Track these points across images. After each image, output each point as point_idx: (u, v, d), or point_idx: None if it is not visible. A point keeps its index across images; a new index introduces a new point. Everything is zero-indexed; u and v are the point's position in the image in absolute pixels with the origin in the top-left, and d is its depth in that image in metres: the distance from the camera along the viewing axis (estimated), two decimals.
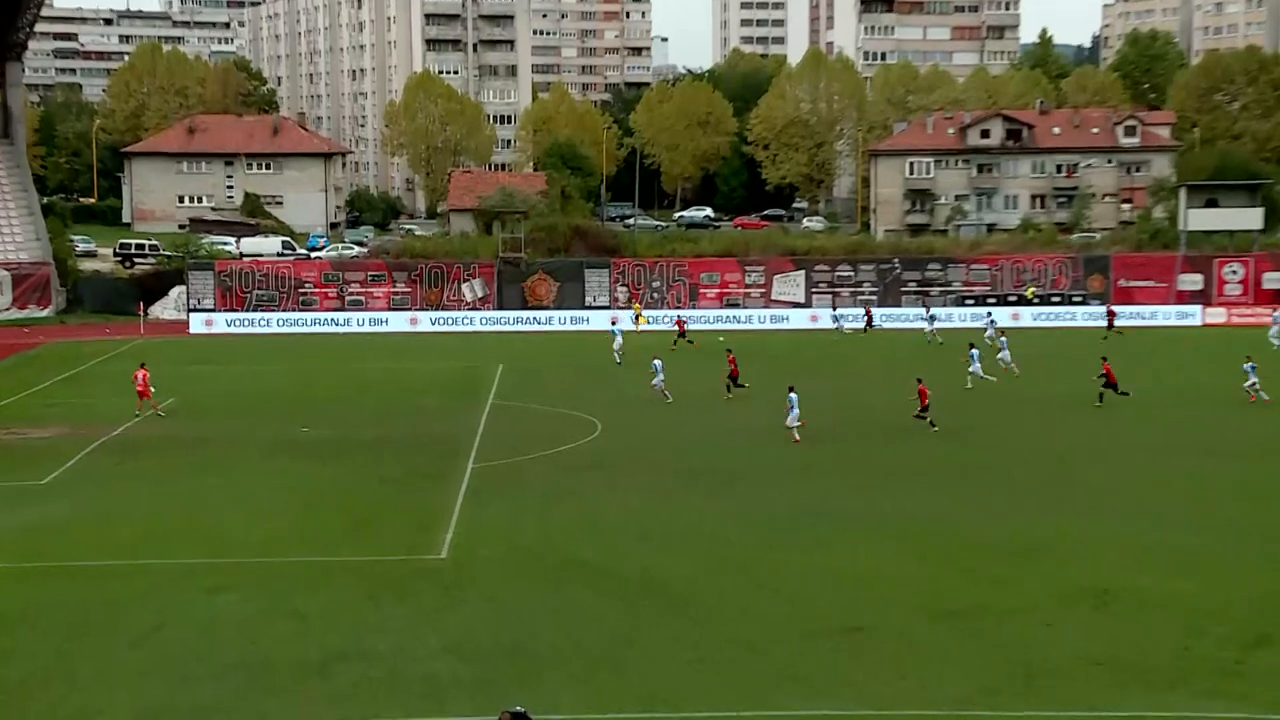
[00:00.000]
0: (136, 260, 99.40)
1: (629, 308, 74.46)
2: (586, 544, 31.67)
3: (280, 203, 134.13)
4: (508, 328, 75.92)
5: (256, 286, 77.02)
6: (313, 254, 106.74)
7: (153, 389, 48.37)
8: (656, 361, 50.68)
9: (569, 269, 78.70)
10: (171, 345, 70.63)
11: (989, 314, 71.02)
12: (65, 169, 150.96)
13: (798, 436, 42.15)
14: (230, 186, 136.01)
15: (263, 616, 26.69)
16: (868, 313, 73.49)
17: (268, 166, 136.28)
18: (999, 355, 56.37)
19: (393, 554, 30.90)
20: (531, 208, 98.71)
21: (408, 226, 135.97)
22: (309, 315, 76.13)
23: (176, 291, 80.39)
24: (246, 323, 75.66)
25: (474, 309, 77.77)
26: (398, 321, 76.19)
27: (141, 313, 74.71)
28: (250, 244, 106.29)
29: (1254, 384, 47.87)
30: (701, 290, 78.04)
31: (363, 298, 77.62)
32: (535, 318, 76.74)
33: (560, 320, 76.84)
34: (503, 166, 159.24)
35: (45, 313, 79.48)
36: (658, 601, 27.41)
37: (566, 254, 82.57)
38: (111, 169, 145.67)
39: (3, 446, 43.51)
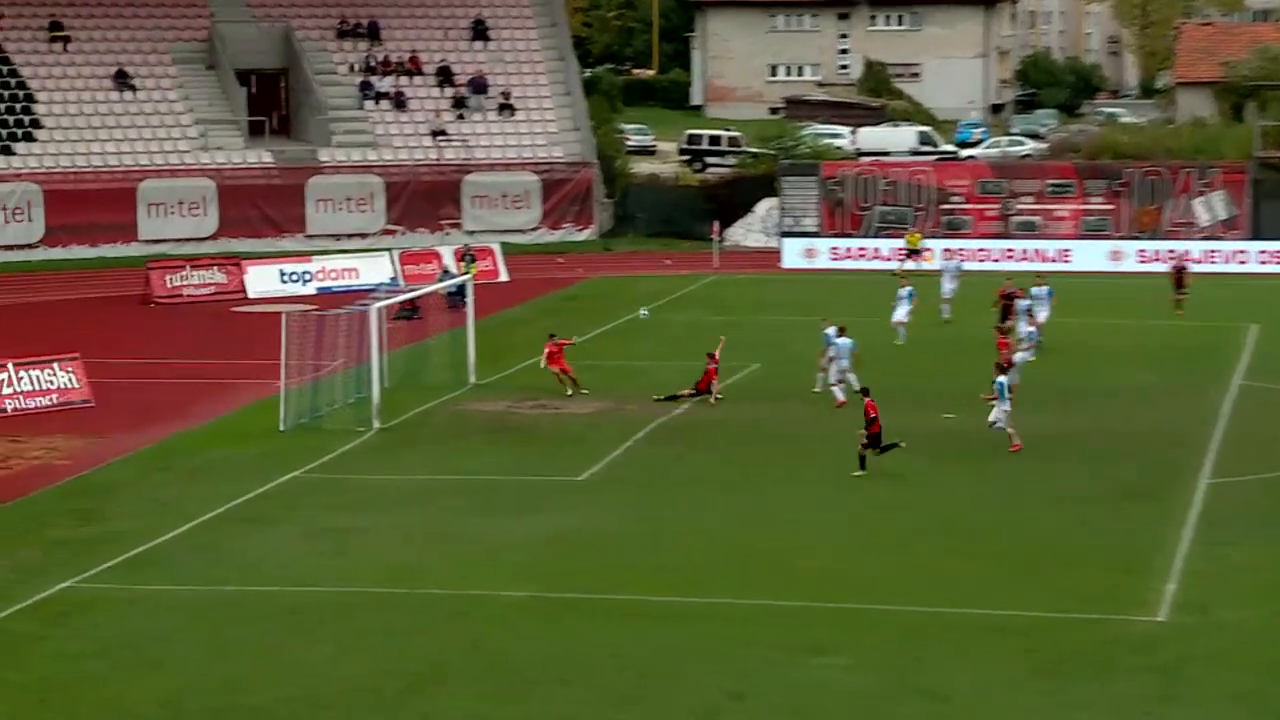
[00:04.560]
0: (709, 160, 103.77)
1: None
2: None
3: (917, 74, 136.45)
4: (1267, 268, 73.70)
5: (880, 200, 78.52)
6: (963, 152, 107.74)
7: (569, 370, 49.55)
8: (837, 335, 48.05)
9: None
10: (753, 285, 73.21)
11: None
12: (614, 27, 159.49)
13: None
14: (844, 50, 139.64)
15: (884, 693, 27.08)
16: None
17: (900, 20, 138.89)
18: None
19: (1078, 611, 30.66)
20: None
21: (1109, 110, 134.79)
22: (955, 244, 76.75)
23: (765, 206, 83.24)
24: (862, 254, 77.47)
25: (1213, 237, 75.96)
26: (1089, 255, 75.53)
27: (715, 237, 77.86)
28: (872, 136, 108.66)
29: None
30: None
31: (1037, 218, 77.49)
32: None
33: None
34: (1265, 15, 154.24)
35: (584, 234, 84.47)
36: None
37: None
38: (678, 26, 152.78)
39: (530, 425, 46.69)
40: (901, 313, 56.49)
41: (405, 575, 32.96)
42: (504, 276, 73.83)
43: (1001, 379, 42.34)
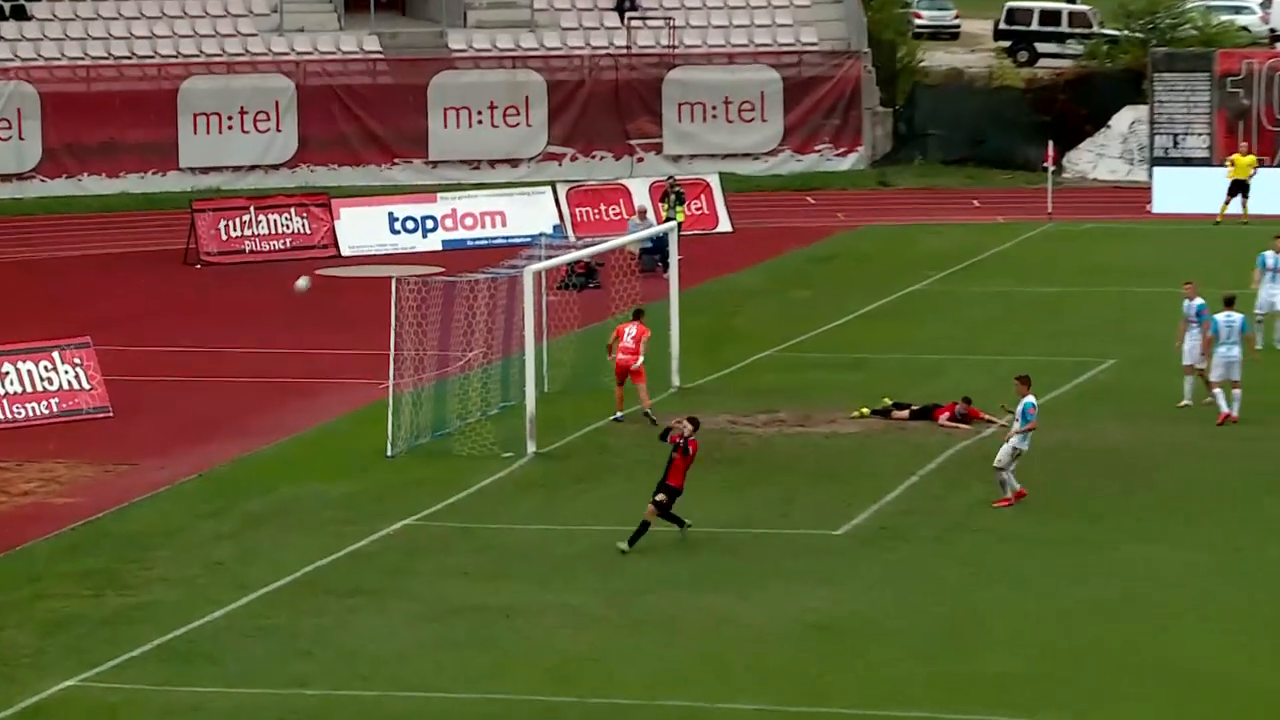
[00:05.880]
0: (1041, 49, 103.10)
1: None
2: None
3: None
4: None
5: None
6: None
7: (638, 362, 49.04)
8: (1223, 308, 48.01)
9: None
10: (1108, 240, 73.30)
11: None
12: None
13: None
14: None
15: None
16: None
17: None
18: None
19: None
20: None
21: None
22: None
23: (1127, 119, 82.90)
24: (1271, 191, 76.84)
25: None
26: None
27: (1050, 165, 77.24)
28: None
29: None
30: None
31: None
32: None
33: None
34: None
35: (849, 162, 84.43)
36: None
37: None
38: None
39: (761, 450, 46.72)
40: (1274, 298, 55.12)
41: (575, 676, 33.00)
42: (725, 224, 74.04)
43: (1030, 398, 41.73)
